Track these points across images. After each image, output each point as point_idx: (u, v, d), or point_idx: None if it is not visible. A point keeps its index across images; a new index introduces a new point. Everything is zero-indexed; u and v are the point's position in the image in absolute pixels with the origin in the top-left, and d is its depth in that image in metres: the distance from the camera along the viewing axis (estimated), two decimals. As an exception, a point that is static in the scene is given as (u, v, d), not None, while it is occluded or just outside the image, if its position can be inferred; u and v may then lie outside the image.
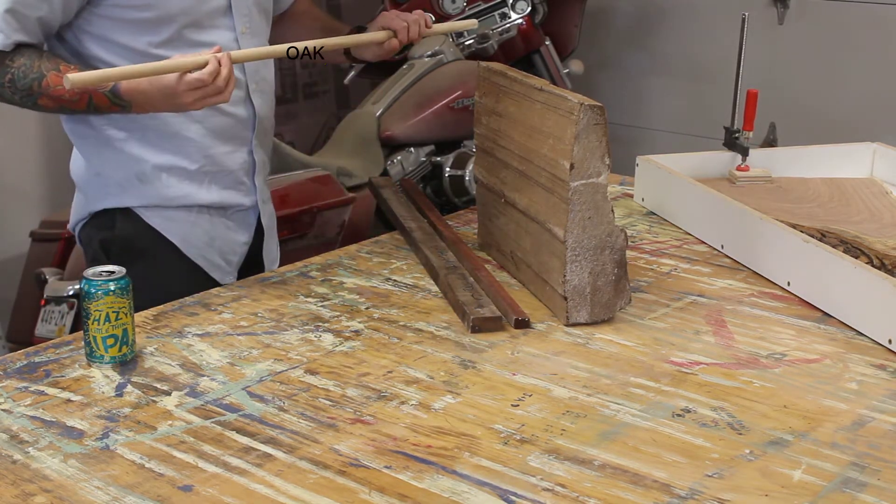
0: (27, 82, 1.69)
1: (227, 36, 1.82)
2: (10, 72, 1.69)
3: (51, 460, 1.22)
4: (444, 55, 3.39)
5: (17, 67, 1.69)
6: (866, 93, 3.82)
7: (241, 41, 1.83)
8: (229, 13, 1.82)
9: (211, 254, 1.90)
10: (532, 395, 1.38)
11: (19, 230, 3.14)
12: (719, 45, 3.79)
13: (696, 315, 1.65)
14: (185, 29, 1.77)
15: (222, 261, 1.91)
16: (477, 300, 1.63)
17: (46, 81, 1.68)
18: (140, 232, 1.84)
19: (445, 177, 3.27)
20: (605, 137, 1.54)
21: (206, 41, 1.78)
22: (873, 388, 1.41)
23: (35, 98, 1.70)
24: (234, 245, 1.93)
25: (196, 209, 1.87)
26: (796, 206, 2.06)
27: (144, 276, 1.72)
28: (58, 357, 1.50)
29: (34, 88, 1.69)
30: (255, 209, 1.95)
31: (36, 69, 1.69)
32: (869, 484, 1.17)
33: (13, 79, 1.69)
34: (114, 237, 1.84)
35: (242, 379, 1.43)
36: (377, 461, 1.21)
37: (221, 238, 1.91)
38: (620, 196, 2.28)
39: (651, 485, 1.17)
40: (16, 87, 1.69)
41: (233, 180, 1.89)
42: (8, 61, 1.69)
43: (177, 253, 1.87)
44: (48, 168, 3.43)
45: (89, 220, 1.88)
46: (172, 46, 1.75)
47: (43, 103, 1.71)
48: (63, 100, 1.70)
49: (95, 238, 1.85)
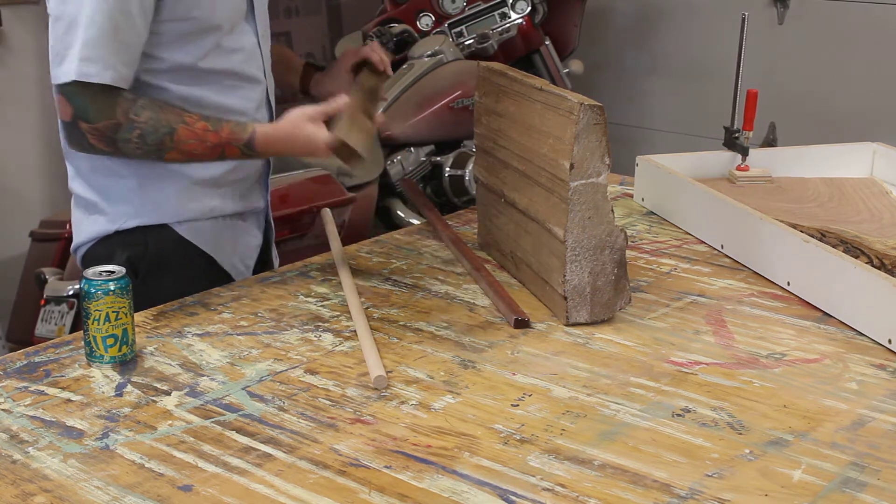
0: (158, 137, 1.64)
1: (251, 40, 1.82)
2: (137, 127, 1.63)
3: (51, 460, 1.22)
4: (443, 55, 3.39)
5: (145, 122, 1.63)
6: (866, 93, 3.83)
7: (261, 43, 1.84)
8: (251, 17, 1.82)
9: (234, 260, 1.89)
10: (532, 395, 1.38)
11: (19, 230, 3.14)
12: (719, 45, 3.79)
13: (696, 315, 1.65)
14: (224, 37, 1.75)
15: (242, 266, 1.91)
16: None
17: (178, 136, 1.64)
18: (173, 246, 1.81)
19: (445, 177, 3.27)
20: (605, 137, 1.54)
21: (237, 47, 1.78)
22: (873, 388, 1.41)
23: (165, 153, 1.66)
24: (251, 249, 1.93)
25: (221, 218, 1.85)
26: (796, 206, 2.06)
27: (173, 288, 1.73)
28: (58, 357, 1.50)
29: (165, 144, 1.64)
30: (265, 210, 1.96)
31: (164, 123, 1.63)
32: (869, 484, 1.17)
33: (143, 135, 1.63)
34: (146, 252, 1.79)
35: (242, 379, 1.43)
36: (377, 461, 1.21)
37: (241, 243, 1.91)
38: (620, 196, 2.28)
39: (651, 485, 1.17)
40: (145, 143, 1.64)
41: (250, 184, 1.89)
42: (132, 116, 1.62)
43: (208, 262, 1.85)
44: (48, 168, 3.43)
45: (110, 237, 1.81)
46: (213, 57, 1.74)
47: (171, 157, 1.67)
48: (194, 154, 1.67)
49: (120, 255, 1.78)
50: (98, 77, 1.61)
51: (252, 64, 1.82)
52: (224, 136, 1.67)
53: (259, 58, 1.84)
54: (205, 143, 1.66)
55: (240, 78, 1.80)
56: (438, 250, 1.95)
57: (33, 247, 2.97)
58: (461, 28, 3.68)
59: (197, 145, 1.66)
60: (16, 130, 3.41)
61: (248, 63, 1.81)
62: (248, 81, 1.81)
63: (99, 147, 1.66)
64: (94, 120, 1.63)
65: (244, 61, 1.80)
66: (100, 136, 1.64)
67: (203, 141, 1.66)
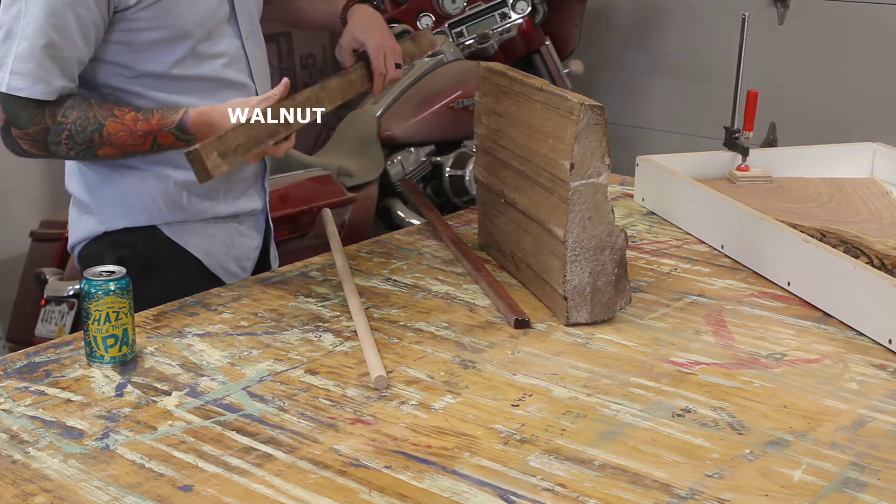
0: (86, 135, 1.64)
1: (234, 43, 1.80)
2: (65, 128, 1.63)
3: (51, 460, 1.22)
4: (444, 55, 3.39)
5: (73, 122, 1.63)
6: (866, 93, 3.83)
7: (246, 46, 1.82)
8: (233, 19, 1.80)
9: (227, 262, 1.89)
10: (532, 395, 1.38)
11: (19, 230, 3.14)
12: (719, 45, 3.79)
13: (696, 315, 1.65)
14: (199, 43, 1.74)
15: (238, 268, 1.91)
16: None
17: (107, 130, 1.64)
18: (161, 248, 1.81)
19: (445, 177, 3.27)
20: (605, 137, 1.54)
21: (216, 52, 1.77)
22: (873, 388, 1.41)
23: (96, 149, 1.65)
24: (248, 251, 1.93)
25: (213, 221, 1.85)
26: (796, 206, 2.06)
27: (163, 290, 1.72)
28: (58, 357, 1.50)
29: (94, 140, 1.64)
30: (263, 212, 1.95)
31: (93, 119, 1.64)
32: (869, 484, 1.17)
33: (71, 135, 1.64)
34: (134, 254, 1.80)
35: (242, 379, 1.43)
36: (377, 461, 1.21)
37: (236, 245, 1.90)
38: (620, 196, 2.28)
39: (651, 485, 1.17)
40: (74, 142, 1.64)
41: (245, 186, 1.89)
42: (60, 118, 1.63)
43: (196, 266, 1.85)
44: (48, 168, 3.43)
45: (100, 238, 1.82)
46: (187, 64, 1.73)
47: (104, 153, 1.67)
48: (126, 145, 1.66)
49: (111, 256, 1.79)
50: (27, 91, 1.62)
51: (235, 67, 1.80)
52: (154, 123, 1.65)
53: (244, 60, 1.82)
54: (135, 132, 1.64)
55: (222, 84, 1.78)
56: (438, 250, 1.95)
57: (33, 247, 2.97)
58: (461, 28, 3.69)
59: (127, 136, 1.65)
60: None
61: (230, 67, 1.79)
62: (231, 87, 1.79)
63: (32, 151, 1.67)
64: (25, 126, 1.64)
65: (226, 66, 1.78)
66: (32, 141, 1.65)
67: (133, 131, 1.65)
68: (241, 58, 1.82)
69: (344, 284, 1.73)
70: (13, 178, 3.38)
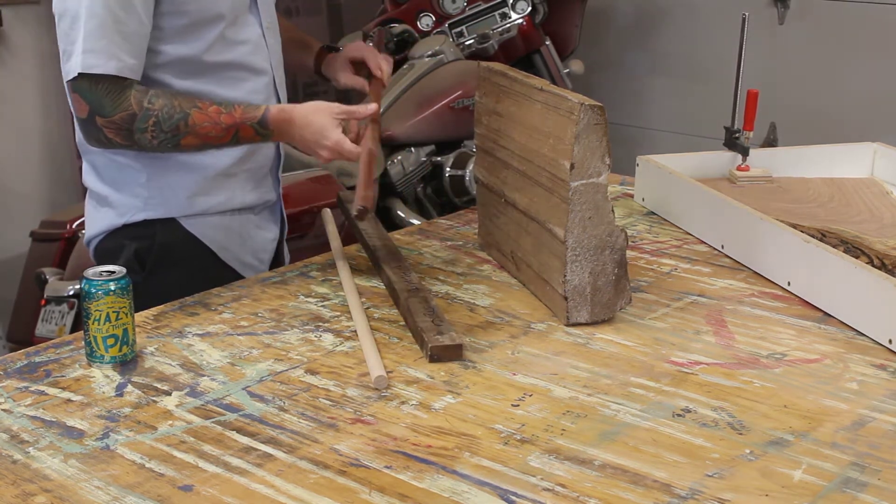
0: (173, 123, 1.65)
1: (256, 31, 1.83)
2: (153, 115, 1.64)
3: (51, 460, 1.22)
4: (444, 55, 3.39)
5: (159, 109, 1.64)
6: (866, 93, 3.83)
7: (266, 36, 1.85)
8: (255, 8, 1.83)
9: (244, 254, 1.90)
10: (532, 395, 1.38)
11: (19, 230, 3.14)
12: (719, 45, 3.79)
13: (697, 315, 1.65)
14: (228, 28, 1.76)
15: (255, 260, 1.92)
16: (437, 327, 1.52)
17: (192, 119, 1.65)
18: (179, 240, 1.82)
19: (446, 177, 3.27)
20: (606, 137, 1.54)
21: (243, 38, 1.79)
22: (873, 388, 1.41)
23: (180, 138, 1.67)
24: (265, 243, 1.94)
25: (230, 213, 1.86)
26: (796, 206, 2.06)
27: (180, 283, 1.74)
28: (58, 357, 1.50)
29: (180, 128, 1.66)
30: (278, 204, 1.96)
31: (178, 108, 1.65)
32: (869, 484, 1.17)
33: (158, 121, 1.65)
34: (152, 246, 1.81)
35: (242, 379, 1.43)
36: (377, 461, 1.21)
37: (252, 238, 1.91)
38: (620, 196, 2.28)
39: (651, 485, 1.17)
40: (161, 129, 1.65)
41: (261, 176, 1.90)
42: (147, 104, 1.64)
43: (213, 258, 1.86)
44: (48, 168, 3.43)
45: (118, 230, 1.82)
46: (217, 49, 1.75)
47: (186, 142, 1.68)
48: (210, 137, 1.68)
49: (129, 247, 1.80)
50: (102, 68, 1.62)
51: (258, 55, 1.83)
52: (238, 116, 1.68)
53: (265, 49, 1.85)
54: (219, 124, 1.67)
55: (246, 70, 1.81)
56: (438, 250, 1.96)
57: (33, 247, 2.97)
58: (461, 28, 3.69)
59: (212, 128, 1.67)
60: (16, 130, 3.40)
61: (254, 55, 1.82)
62: (254, 73, 1.82)
63: (116, 141, 1.67)
64: (110, 113, 1.64)
65: (250, 53, 1.81)
66: (117, 129, 1.65)
67: (217, 123, 1.67)
68: (263, 47, 1.84)
69: (344, 284, 1.73)
70: (13, 178, 3.39)
